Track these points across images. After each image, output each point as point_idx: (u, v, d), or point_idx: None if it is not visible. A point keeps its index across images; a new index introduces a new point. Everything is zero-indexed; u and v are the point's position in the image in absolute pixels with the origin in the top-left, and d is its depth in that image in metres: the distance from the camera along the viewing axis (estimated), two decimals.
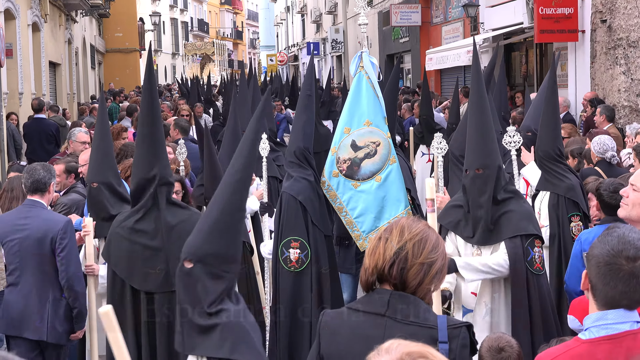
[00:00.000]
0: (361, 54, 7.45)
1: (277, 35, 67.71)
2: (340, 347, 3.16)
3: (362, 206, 7.15)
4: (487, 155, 5.64)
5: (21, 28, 19.12)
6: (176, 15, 67.41)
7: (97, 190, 6.01)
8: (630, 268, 2.82)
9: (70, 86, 27.94)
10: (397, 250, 3.07)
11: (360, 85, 7.32)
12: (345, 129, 7.30)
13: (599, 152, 8.33)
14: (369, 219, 7.15)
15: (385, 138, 7.23)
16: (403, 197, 7.20)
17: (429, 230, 3.16)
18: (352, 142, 7.23)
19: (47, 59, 22.90)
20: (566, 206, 6.81)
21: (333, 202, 7.26)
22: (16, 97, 18.53)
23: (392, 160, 7.21)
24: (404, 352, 2.08)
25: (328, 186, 7.26)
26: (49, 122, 16.20)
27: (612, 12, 14.47)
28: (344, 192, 7.22)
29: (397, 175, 7.21)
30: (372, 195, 7.16)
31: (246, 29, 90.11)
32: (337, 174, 7.23)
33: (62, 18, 26.16)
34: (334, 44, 39.56)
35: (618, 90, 14.35)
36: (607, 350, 2.83)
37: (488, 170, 5.60)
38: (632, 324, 2.86)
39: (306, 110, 7.28)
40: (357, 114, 7.29)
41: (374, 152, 7.21)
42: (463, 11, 22.25)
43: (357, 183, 7.22)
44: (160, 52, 61.58)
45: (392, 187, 7.18)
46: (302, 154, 7.01)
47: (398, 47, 30.07)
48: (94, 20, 37.38)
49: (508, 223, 5.60)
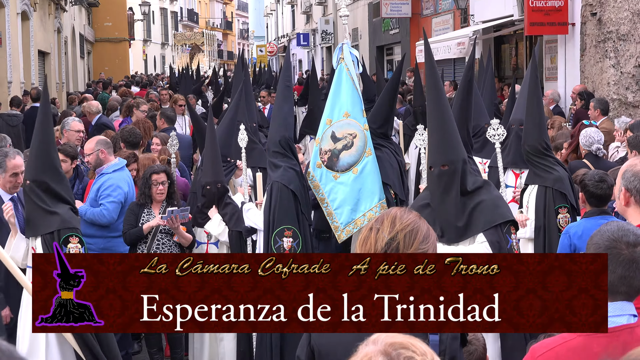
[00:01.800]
0: (342, 45, 7.50)
1: (267, 26, 67.57)
2: (331, 338, 3.16)
3: (341, 198, 7.23)
4: (451, 150, 5.36)
5: (10, 17, 19.03)
6: (166, 5, 67.16)
7: (29, 187, 5.90)
8: (630, 253, 2.89)
9: (59, 75, 27.84)
10: (389, 240, 3.07)
11: (341, 77, 7.38)
12: (327, 120, 7.37)
13: (585, 145, 8.38)
14: (346, 210, 7.22)
15: (361, 130, 7.27)
16: (378, 189, 7.24)
17: (420, 220, 3.17)
18: (332, 133, 7.30)
19: (36, 48, 22.80)
20: (554, 198, 6.80)
21: (316, 193, 7.32)
22: (5, 85, 18.46)
23: (368, 153, 7.26)
24: (387, 343, 2.14)
25: (312, 177, 7.33)
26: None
27: (602, 5, 14.50)
28: (326, 183, 7.29)
29: (372, 168, 7.26)
30: (349, 187, 7.22)
31: (236, 19, 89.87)
32: (320, 165, 7.30)
33: (51, 7, 26.05)
34: (324, 35, 39.51)
35: (607, 84, 14.39)
36: (603, 343, 2.85)
37: (453, 165, 5.32)
38: (628, 318, 2.89)
39: (286, 101, 7.35)
40: (337, 105, 7.35)
41: (351, 144, 7.27)
42: (453, 3, 22.27)
43: (337, 174, 7.28)
44: (150, 42, 61.37)
45: (368, 180, 7.23)
46: (287, 143, 7.05)
47: (388, 39, 30.06)
48: (83, 9, 37.22)
49: (481, 214, 5.38)
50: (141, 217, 7.29)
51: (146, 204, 7.34)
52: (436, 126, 5.49)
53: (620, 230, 2.96)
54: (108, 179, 7.71)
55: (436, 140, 5.48)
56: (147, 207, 7.34)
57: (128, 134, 9.27)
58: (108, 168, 7.83)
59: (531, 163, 7.03)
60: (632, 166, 3.93)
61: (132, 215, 7.33)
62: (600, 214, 5.65)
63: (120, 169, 7.85)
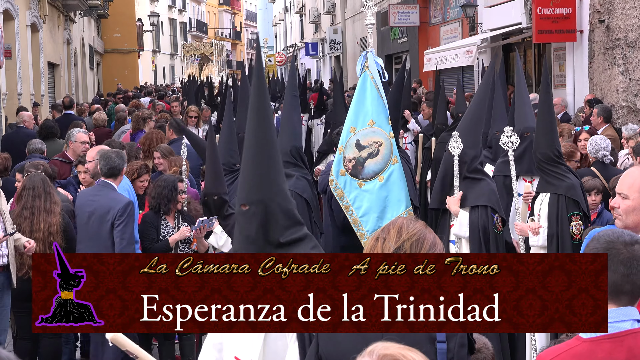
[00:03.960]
0: (366, 53, 7.50)
1: (276, 36, 67.70)
2: (339, 347, 3.16)
3: (367, 205, 7.23)
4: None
5: (20, 29, 19.11)
6: (175, 15, 67.40)
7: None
8: (629, 251, 2.93)
9: (69, 87, 27.94)
10: (395, 250, 3.07)
11: (365, 85, 7.39)
12: (351, 129, 7.38)
13: (592, 153, 8.37)
14: (372, 218, 7.23)
15: (387, 138, 7.29)
16: (404, 197, 7.26)
17: (426, 230, 3.17)
18: (356, 141, 7.31)
19: (46, 60, 22.89)
20: (567, 206, 6.77)
21: (340, 201, 7.33)
22: (15, 97, 18.52)
23: (394, 161, 7.27)
24: (380, 355, 2.15)
25: (336, 185, 7.33)
26: (76, 117, 16.74)
27: (610, 12, 14.49)
28: (350, 191, 7.30)
29: (399, 176, 7.27)
30: (375, 195, 7.23)
31: (245, 29, 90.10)
32: (344, 173, 7.31)
33: (60, 19, 26.16)
34: (332, 45, 39.56)
35: (616, 91, 14.37)
36: (608, 349, 2.86)
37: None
38: (632, 323, 2.90)
39: (295, 110, 7.37)
40: (361, 113, 7.37)
41: (377, 152, 7.28)
42: (461, 11, 22.27)
43: (362, 182, 7.29)
44: (159, 52, 61.55)
45: (394, 187, 7.24)
46: (298, 152, 7.09)
47: (396, 48, 30.09)
48: (92, 20, 37.37)
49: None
50: (160, 230, 7.34)
51: (160, 213, 7.34)
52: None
53: (615, 233, 3.01)
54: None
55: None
56: (162, 218, 7.36)
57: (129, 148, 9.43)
58: None
59: (543, 171, 6.98)
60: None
61: (152, 229, 7.34)
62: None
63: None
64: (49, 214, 7.22)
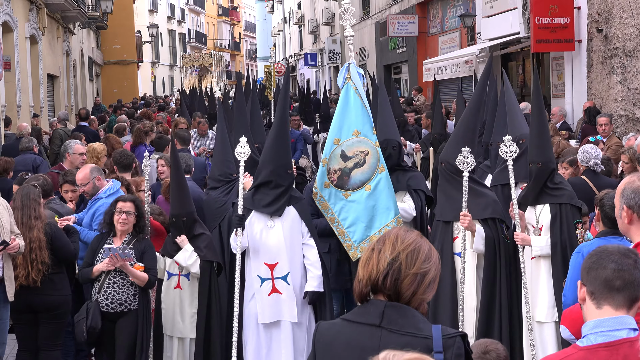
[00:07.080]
0: (348, 65, 7.53)
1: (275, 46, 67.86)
2: (336, 358, 3.16)
3: (353, 216, 7.25)
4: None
5: (19, 40, 19.13)
6: (174, 26, 67.52)
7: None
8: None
9: (68, 98, 27.94)
10: (391, 261, 3.08)
11: (348, 96, 7.40)
12: (335, 140, 7.39)
13: (583, 161, 8.37)
14: (360, 228, 7.24)
15: (373, 147, 7.30)
16: (393, 205, 7.26)
17: (421, 240, 3.17)
18: (341, 152, 7.32)
19: (45, 71, 22.90)
20: (572, 214, 6.76)
21: (325, 213, 7.35)
22: (14, 109, 18.53)
23: (381, 169, 7.28)
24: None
25: (320, 197, 7.35)
26: (90, 129, 17.12)
27: (608, 22, 14.52)
28: (336, 202, 7.31)
29: (386, 184, 7.28)
30: (363, 205, 7.24)
31: (244, 40, 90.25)
32: (329, 185, 7.32)
33: (59, 30, 26.19)
34: (331, 55, 39.64)
35: (615, 100, 14.39)
36: (604, 357, 2.87)
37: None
38: (628, 331, 2.90)
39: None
40: (345, 124, 7.38)
41: (363, 162, 7.29)
42: (460, 21, 22.34)
43: (348, 193, 7.30)
44: (159, 63, 61.64)
45: (382, 196, 7.25)
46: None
47: (395, 58, 30.15)
48: (91, 32, 37.42)
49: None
50: (99, 253, 6.94)
51: (108, 235, 7.01)
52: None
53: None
54: (103, 204, 7.66)
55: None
56: (109, 240, 6.98)
57: (120, 156, 9.43)
58: (103, 192, 7.87)
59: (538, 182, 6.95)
60: (631, 183, 3.80)
61: (90, 251, 6.99)
62: (613, 234, 5.62)
63: (115, 193, 7.84)
64: (27, 229, 6.95)
